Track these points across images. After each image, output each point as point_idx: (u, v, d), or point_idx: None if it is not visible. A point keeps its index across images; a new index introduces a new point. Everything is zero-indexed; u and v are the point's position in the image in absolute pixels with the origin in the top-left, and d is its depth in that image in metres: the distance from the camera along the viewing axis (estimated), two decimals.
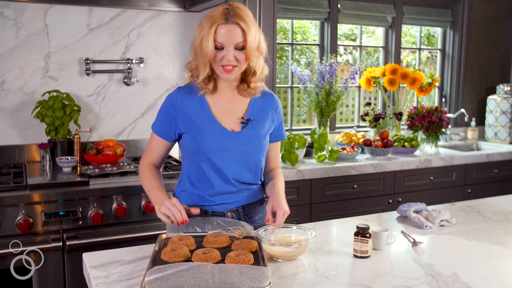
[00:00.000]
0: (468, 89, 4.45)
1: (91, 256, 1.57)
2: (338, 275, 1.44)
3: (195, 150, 1.72)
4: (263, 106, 1.79)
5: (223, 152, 1.71)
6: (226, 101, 1.76)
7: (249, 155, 1.74)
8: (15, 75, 2.82)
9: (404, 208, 2.04)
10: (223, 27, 1.61)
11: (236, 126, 1.74)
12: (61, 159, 2.65)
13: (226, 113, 1.74)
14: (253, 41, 1.63)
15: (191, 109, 1.73)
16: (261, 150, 1.78)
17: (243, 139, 1.72)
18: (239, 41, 1.62)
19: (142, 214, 2.48)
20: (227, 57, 1.62)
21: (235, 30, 1.61)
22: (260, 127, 1.76)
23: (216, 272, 1.27)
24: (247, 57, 1.64)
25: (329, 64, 3.50)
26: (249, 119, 1.75)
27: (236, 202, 1.78)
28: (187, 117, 1.73)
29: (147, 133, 3.18)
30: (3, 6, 2.74)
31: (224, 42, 1.61)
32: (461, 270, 1.48)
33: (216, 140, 1.70)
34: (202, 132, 1.70)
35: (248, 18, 1.63)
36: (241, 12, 1.62)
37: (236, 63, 1.64)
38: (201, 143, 1.70)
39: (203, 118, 1.72)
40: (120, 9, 3.00)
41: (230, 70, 1.65)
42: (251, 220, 1.82)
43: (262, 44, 1.69)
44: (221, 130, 1.71)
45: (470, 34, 4.37)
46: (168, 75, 3.20)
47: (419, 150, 3.70)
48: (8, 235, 2.21)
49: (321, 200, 3.06)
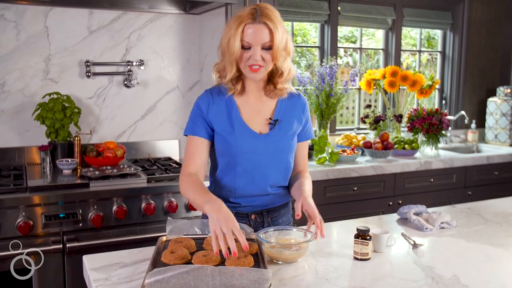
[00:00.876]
0: (468, 91, 4.46)
1: (91, 259, 1.56)
2: (338, 277, 1.44)
3: (225, 153, 1.71)
4: (290, 106, 1.79)
5: (253, 155, 1.70)
6: (254, 102, 1.75)
7: (278, 157, 1.74)
8: (16, 77, 2.82)
9: (404, 210, 2.04)
10: (250, 26, 1.60)
11: (264, 128, 1.74)
12: (61, 161, 2.65)
13: (254, 115, 1.74)
14: (280, 41, 1.62)
15: (221, 110, 1.72)
16: (290, 150, 1.78)
17: (271, 140, 1.72)
18: (266, 41, 1.61)
19: (142, 216, 2.48)
20: (254, 56, 1.61)
21: (262, 29, 1.60)
22: (287, 127, 1.76)
23: (216, 274, 1.26)
24: (273, 57, 1.64)
25: (329, 66, 3.50)
26: (277, 119, 1.74)
27: (261, 205, 1.78)
28: (217, 118, 1.72)
29: (147, 135, 3.19)
30: (4, 9, 2.75)
31: (251, 42, 1.61)
32: (462, 272, 1.48)
33: (246, 143, 1.70)
34: (232, 135, 1.70)
35: (276, 18, 1.63)
36: (268, 12, 1.62)
37: (262, 63, 1.63)
38: (231, 146, 1.70)
39: (233, 121, 1.71)
40: (120, 12, 3.01)
41: (256, 70, 1.64)
42: (274, 223, 1.82)
43: (289, 44, 1.68)
44: (251, 134, 1.71)
45: (470, 36, 4.37)
46: (168, 77, 3.21)
47: (419, 152, 3.70)
48: (8, 237, 2.20)
49: (322, 202, 3.06)
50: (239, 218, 1.75)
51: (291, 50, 1.70)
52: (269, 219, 1.80)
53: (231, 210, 1.73)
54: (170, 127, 3.24)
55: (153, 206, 2.46)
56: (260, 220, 1.79)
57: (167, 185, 2.52)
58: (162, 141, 3.21)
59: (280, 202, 1.83)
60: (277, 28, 1.61)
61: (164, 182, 2.55)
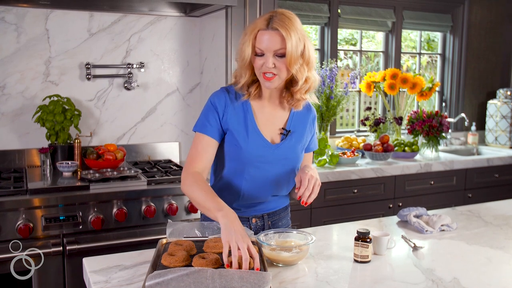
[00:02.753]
0: (468, 94, 4.46)
1: (91, 261, 1.56)
2: (338, 280, 1.44)
3: (235, 157, 1.68)
4: (301, 118, 1.77)
5: (262, 164, 1.68)
6: (270, 109, 1.73)
7: (286, 167, 1.72)
8: (16, 80, 2.83)
9: (404, 213, 2.04)
10: (263, 33, 1.58)
11: (276, 137, 1.72)
12: (61, 164, 2.65)
13: (268, 123, 1.72)
14: (294, 48, 1.57)
15: (237, 112, 1.69)
16: (298, 162, 1.76)
17: (282, 151, 1.70)
18: (278, 48, 1.57)
19: (142, 218, 2.47)
20: (266, 64, 1.59)
21: (274, 36, 1.57)
22: (299, 139, 1.75)
23: (216, 277, 1.26)
24: (287, 65, 1.59)
25: (329, 68, 3.50)
26: (289, 130, 1.72)
27: (262, 209, 1.78)
28: (233, 120, 1.68)
29: (148, 137, 3.19)
30: (5, 11, 2.75)
31: (263, 48, 1.59)
32: (462, 275, 1.48)
33: (257, 151, 1.67)
34: (245, 141, 1.67)
35: (291, 24, 1.57)
36: (283, 18, 1.58)
37: (276, 71, 1.59)
38: (242, 151, 1.67)
39: (247, 126, 1.68)
40: (120, 14, 3.01)
41: (270, 78, 1.60)
42: (275, 226, 1.82)
43: (308, 52, 1.62)
44: (263, 141, 1.68)
45: (470, 38, 4.38)
46: (168, 80, 3.21)
47: (420, 154, 3.70)
48: (8, 240, 2.20)
49: (322, 204, 3.06)
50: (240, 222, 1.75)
51: (310, 58, 1.63)
52: (269, 222, 1.80)
53: None
54: (170, 129, 3.24)
55: (153, 209, 2.46)
56: (260, 224, 1.79)
57: (167, 188, 2.52)
58: (162, 144, 3.21)
59: (280, 206, 1.84)
60: (290, 35, 1.56)
61: (164, 185, 2.55)
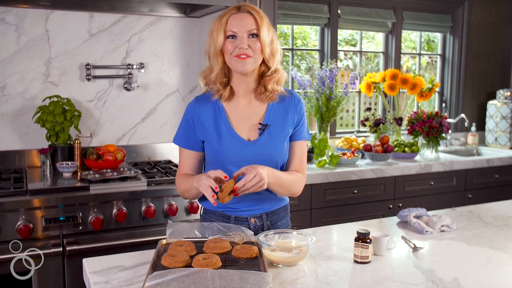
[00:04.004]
0: (468, 94, 4.46)
1: (91, 262, 1.56)
2: (338, 280, 1.44)
3: (214, 161, 1.71)
4: (281, 109, 1.74)
5: (242, 163, 1.66)
6: (244, 107, 1.73)
7: (269, 163, 1.68)
8: (16, 81, 2.83)
9: (404, 213, 2.04)
10: (234, 16, 1.62)
11: (253, 134, 1.71)
12: (61, 164, 2.65)
13: (243, 120, 1.71)
14: (267, 32, 1.63)
15: (208, 118, 1.71)
16: (280, 155, 1.73)
17: (260, 147, 1.69)
18: (252, 28, 1.61)
19: (142, 219, 2.47)
20: (240, 44, 1.60)
21: (247, 17, 1.62)
22: (278, 132, 1.72)
23: (216, 277, 1.26)
24: (262, 47, 1.62)
25: (329, 69, 3.50)
26: (267, 124, 1.71)
27: (260, 208, 1.77)
28: (204, 126, 1.71)
29: (148, 138, 3.19)
30: (5, 12, 2.75)
31: (236, 29, 1.61)
32: (462, 276, 1.48)
33: (233, 151, 1.68)
34: (219, 143, 1.69)
35: (261, 12, 1.65)
36: (253, 6, 1.65)
37: (250, 53, 1.61)
38: (219, 154, 1.69)
39: (220, 128, 1.70)
40: (120, 15, 3.01)
41: (244, 58, 1.61)
42: (274, 226, 1.81)
43: (275, 43, 1.68)
44: (238, 141, 1.69)
45: (470, 39, 4.38)
46: (168, 81, 3.21)
47: (420, 155, 3.70)
48: (8, 241, 2.20)
49: (322, 205, 3.06)
50: (239, 222, 1.76)
51: (278, 50, 1.69)
52: (268, 222, 1.80)
53: (231, 214, 1.75)
54: (170, 130, 3.24)
55: (153, 209, 2.46)
56: (259, 224, 1.78)
57: (167, 188, 2.52)
58: (162, 144, 3.21)
59: (278, 205, 1.83)
60: (263, 19, 1.62)
61: (164, 185, 2.55)
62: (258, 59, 1.65)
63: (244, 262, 1.44)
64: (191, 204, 2.55)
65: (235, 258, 1.47)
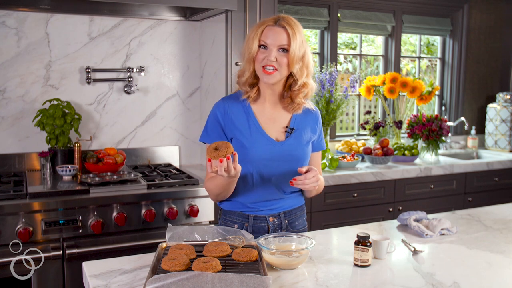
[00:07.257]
0: (468, 98, 4.46)
1: (91, 265, 1.56)
2: (338, 284, 1.44)
3: (242, 159, 1.74)
4: (304, 118, 1.84)
5: (270, 162, 1.74)
6: (270, 110, 1.80)
7: (294, 164, 1.77)
8: (16, 84, 2.83)
9: (404, 217, 2.04)
10: (270, 28, 1.69)
11: (280, 135, 1.79)
12: (61, 168, 2.65)
13: (270, 122, 1.79)
14: (298, 48, 1.68)
15: (238, 116, 1.77)
16: (305, 158, 1.82)
17: (288, 148, 1.77)
18: (283, 43, 1.67)
19: (142, 222, 2.47)
20: (268, 56, 1.66)
21: (280, 32, 1.68)
22: (303, 136, 1.80)
23: (216, 281, 1.26)
24: (289, 62, 1.68)
25: (329, 72, 3.51)
26: (293, 128, 1.79)
27: (278, 208, 1.83)
28: (234, 126, 1.76)
29: (148, 141, 3.20)
30: (5, 16, 2.76)
31: (268, 42, 1.67)
32: (462, 279, 1.48)
33: (263, 149, 1.74)
34: (249, 141, 1.74)
35: (296, 27, 1.70)
36: (290, 20, 1.70)
37: (277, 66, 1.68)
38: (248, 151, 1.74)
39: (250, 128, 1.75)
40: (121, 18, 3.02)
41: (270, 72, 1.68)
42: (292, 225, 1.87)
43: (307, 57, 1.73)
44: (267, 140, 1.75)
45: (470, 42, 4.39)
46: (168, 84, 3.21)
47: (419, 158, 3.70)
48: (8, 244, 2.20)
49: (322, 208, 3.06)
50: (258, 221, 1.81)
51: (310, 64, 1.75)
52: (286, 221, 1.84)
53: (249, 213, 1.81)
54: (170, 133, 3.24)
55: (153, 213, 2.46)
56: (278, 223, 1.83)
57: (167, 192, 2.52)
58: (162, 147, 3.21)
59: (296, 205, 1.88)
60: (296, 35, 1.67)
61: (164, 188, 2.55)
62: (284, 72, 1.71)
63: (244, 266, 1.44)
64: (191, 207, 2.55)
65: (235, 261, 1.47)
